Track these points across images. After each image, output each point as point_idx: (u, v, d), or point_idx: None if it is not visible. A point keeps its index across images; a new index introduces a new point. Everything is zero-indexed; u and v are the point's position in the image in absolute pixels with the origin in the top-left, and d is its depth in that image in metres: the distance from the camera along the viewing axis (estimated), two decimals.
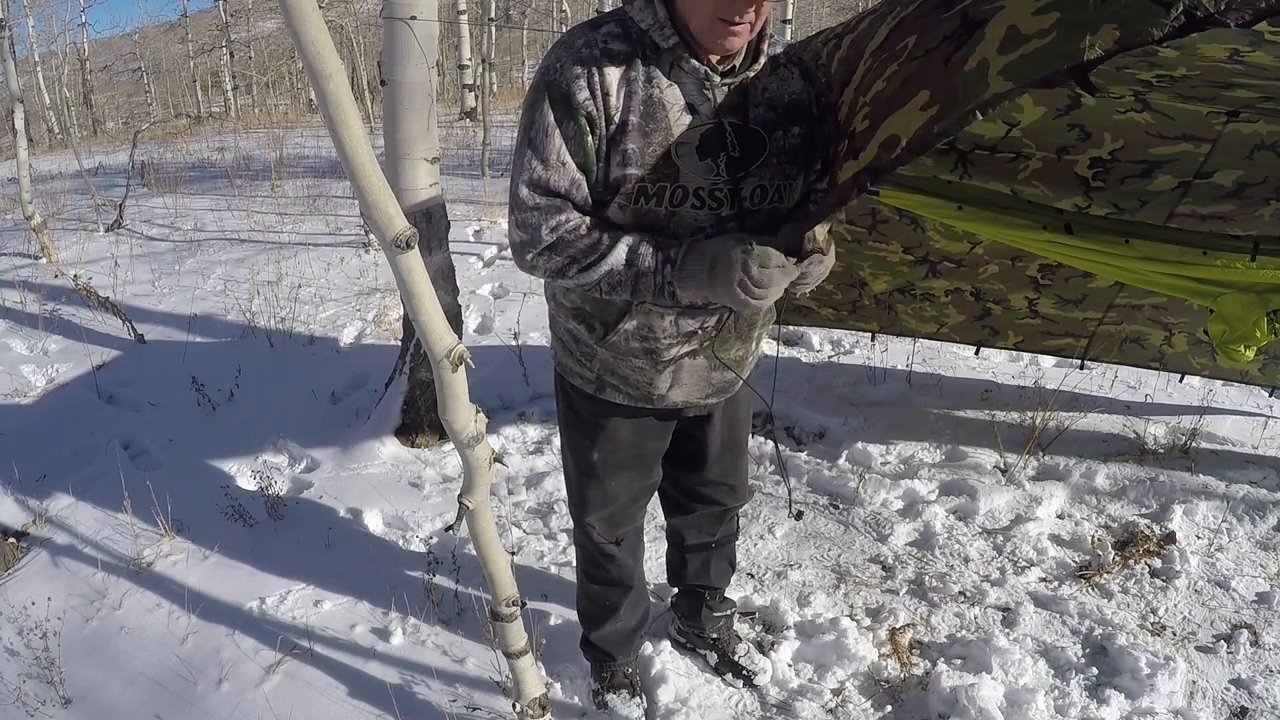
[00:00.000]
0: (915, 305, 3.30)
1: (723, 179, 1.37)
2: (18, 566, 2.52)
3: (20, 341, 4.21)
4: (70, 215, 6.74)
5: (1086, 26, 1.03)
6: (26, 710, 1.99)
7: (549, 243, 1.35)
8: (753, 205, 1.41)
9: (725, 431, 1.79)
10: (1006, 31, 1.11)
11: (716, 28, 1.26)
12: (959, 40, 1.18)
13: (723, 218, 1.39)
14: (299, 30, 0.86)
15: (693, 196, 1.37)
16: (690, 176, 1.35)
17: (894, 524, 2.68)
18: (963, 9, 1.24)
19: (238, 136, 10.95)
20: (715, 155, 1.35)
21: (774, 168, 1.41)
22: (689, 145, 1.34)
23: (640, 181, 1.34)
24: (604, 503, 1.76)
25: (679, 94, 1.33)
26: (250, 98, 19.71)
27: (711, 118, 1.34)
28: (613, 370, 1.56)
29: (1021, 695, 1.98)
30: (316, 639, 2.19)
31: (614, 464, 1.70)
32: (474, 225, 6.17)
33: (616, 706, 1.97)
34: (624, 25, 1.34)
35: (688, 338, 1.51)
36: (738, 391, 1.71)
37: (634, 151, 1.32)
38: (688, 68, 1.32)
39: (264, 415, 3.37)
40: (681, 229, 1.39)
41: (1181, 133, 2.21)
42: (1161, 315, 3.02)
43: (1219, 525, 2.66)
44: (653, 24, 1.31)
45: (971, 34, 1.17)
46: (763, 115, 1.39)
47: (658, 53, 1.32)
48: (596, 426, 1.68)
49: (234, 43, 18.84)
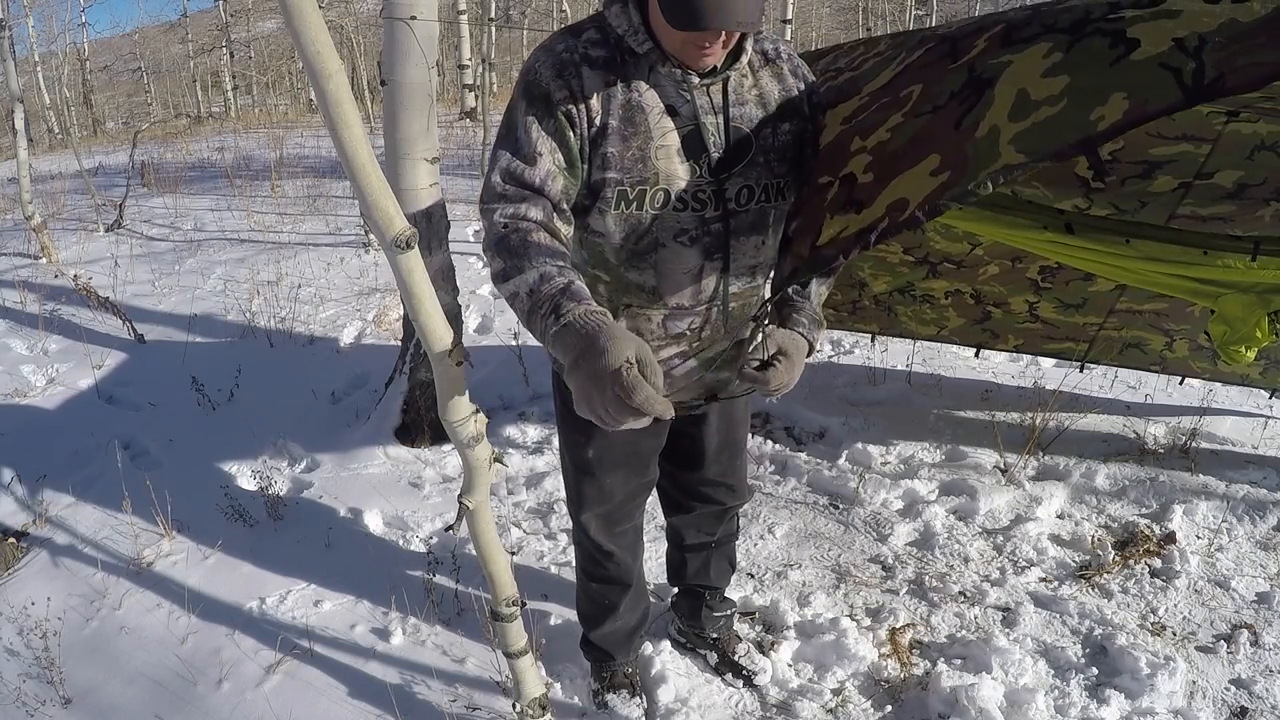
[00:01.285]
0: (915, 307, 3.30)
1: (706, 180, 1.36)
2: (18, 566, 2.52)
3: (20, 341, 4.21)
4: (70, 215, 6.74)
5: (1096, 94, 1.02)
6: (26, 710, 1.99)
7: (499, 236, 1.26)
8: (739, 206, 1.40)
9: (723, 431, 1.78)
10: (1016, 96, 1.10)
11: (688, 50, 1.27)
12: (968, 101, 1.17)
13: (707, 219, 1.39)
14: (299, 30, 0.86)
15: (675, 199, 1.36)
16: (671, 179, 1.34)
17: (894, 524, 2.68)
18: (969, 60, 1.24)
19: (238, 136, 10.96)
20: (698, 157, 1.35)
21: (761, 167, 1.40)
22: (669, 148, 1.33)
23: (619, 185, 1.33)
24: (600, 500, 1.76)
25: (657, 97, 1.32)
26: (250, 98, 19.71)
27: (691, 119, 1.34)
28: None
29: (1021, 695, 1.98)
30: (316, 639, 2.19)
31: (609, 461, 1.70)
32: (474, 225, 6.17)
33: (616, 706, 1.97)
34: (603, 31, 1.34)
35: (676, 339, 1.50)
36: (734, 391, 1.71)
37: (614, 155, 1.32)
38: (664, 70, 1.31)
39: (264, 415, 3.37)
40: (665, 232, 1.38)
41: (1182, 133, 2.21)
42: (1162, 321, 3.02)
43: (1219, 525, 2.65)
44: (628, 29, 1.31)
45: (981, 94, 1.16)
46: (749, 113, 1.38)
47: (635, 57, 1.32)
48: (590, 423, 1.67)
49: (234, 43, 18.83)
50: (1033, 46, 1.15)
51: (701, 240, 1.40)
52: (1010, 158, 1.06)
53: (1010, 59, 1.16)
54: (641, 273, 1.43)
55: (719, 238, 1.41)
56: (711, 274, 1.44)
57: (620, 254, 1.41)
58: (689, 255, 1.41)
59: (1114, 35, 1.07)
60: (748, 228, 1.43)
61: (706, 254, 1.42)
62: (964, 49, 1.30)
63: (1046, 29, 1.17)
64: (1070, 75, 1.07)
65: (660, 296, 1.45)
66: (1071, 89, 1.05)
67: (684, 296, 1.45)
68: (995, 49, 1.23)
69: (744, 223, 1.42)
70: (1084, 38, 1.10)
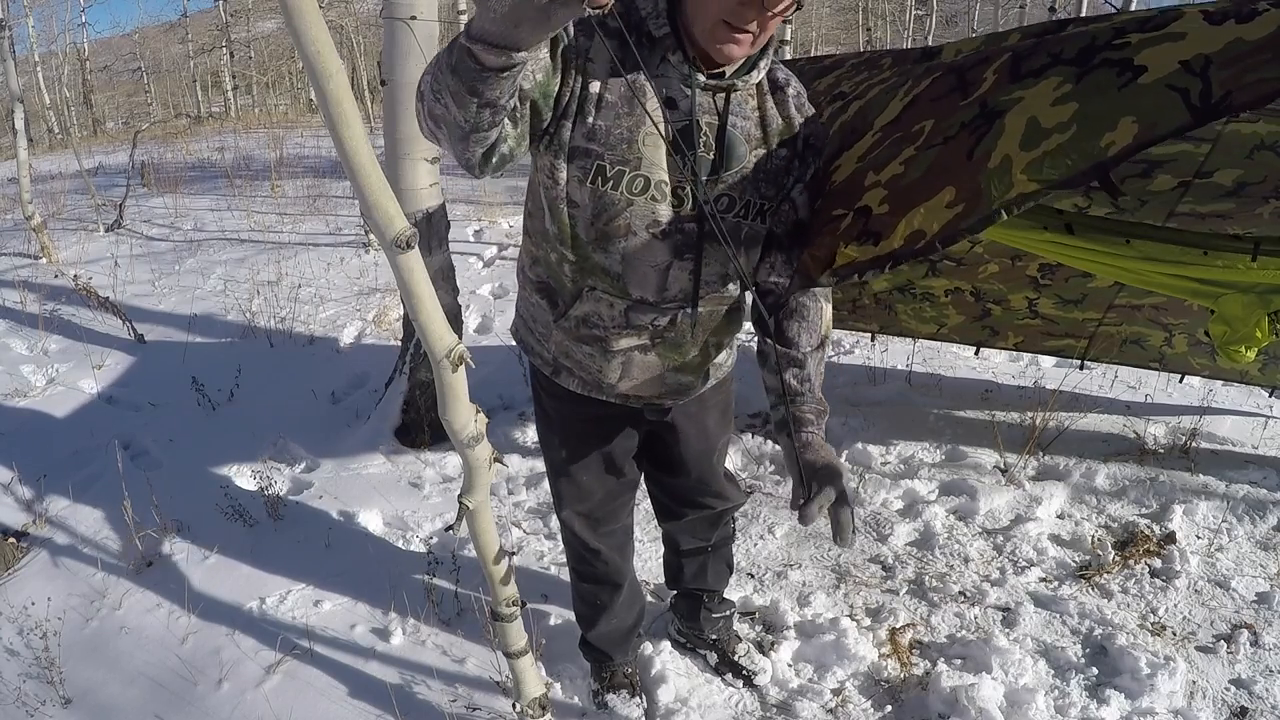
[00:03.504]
0: (915, 305, 3.30)
1: (688, 178, 1.35)
2: (18, 566, 2.52)
3: (20, 341, 4.21)
4: (70, 215, 6.74)
5: (1104, 120, 1.02)
6: (26, 710, 1.99)
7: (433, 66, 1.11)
8: (717, 210, 1.38)
9: (700, 439, 1.76)
10: (1026, 124, 1.11)
11: (719, 31, 1.23)
12: (979, 130, 1.17)
13: (682, 216, 1.37)
14: (299, 30, 0.86)
15: (653, 188, 1.34)
16: (653, 167, 1.33)
17: (894, 524, 2.68)
18: (980, 97, 1.24)
19: (238, 136, 10.95)
20: (684, 153, 1.33)
21: (749, 183, 1.38)
22: (657, 136, 1.31)
23: (599, 160, 1.32)
24: (580, 498, 1.76)
25: (661, 86, 1.31)
26: (250, 98, 19.70)
27: (687, 115, 1.32)
28: (567, 353, 1.55)
29: (1021, 695, 1.98)
30: (316, 639, 2.19)
31: (581, 459, 1.71)
32: (474, 225, 6.17)
33: (616, 706, 1.97)
34: (626, 6, 1.32)
35: (637, 331, 1.48)
36: (707, 399, 1.69)
37: (601, 128, 1.30)
38: (674, 60, 1.30)
39: (264, 415, 3.37)
40: (638, 219, 1.36)
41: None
42: (1161, 316, 3.02)
43: (1219, 525, 2.65)
44: (650, 12, 1.30)
45: (991, 124, 1.16)
46: (747, 128, 1.36)
47: (651, 41, 1.31)
48: (560, 419, 1.69)
49: (234, 43, 18.82)
50: (1042, 81, 1.15)
51: (673, 236, 1.38)
52: (1024, 187, 1.07)
53: (1021, 95, 1.16)
54: (608, 256, 1.40)
55: (691, 237, 1.39)
56: (680, 274, 1.42)
57: (591, 231, 1.38)
58: (658, 249, 1.39)
59: (1121, 64, 1.07)
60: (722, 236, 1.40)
61: (676, 252, 1.40)
62: (973, 81, 1.29)
63: (1054, 59, 1.17)
64: (1079, 102, 1.07)
65: (624, 286, 1.42)
66: (1080, 115, 1.06)
67: (649, 291, 1.43)
68: (1005, 83, 1.22)
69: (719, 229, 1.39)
70: (1092, 69, 1.10)
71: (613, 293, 1.43)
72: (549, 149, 1.34)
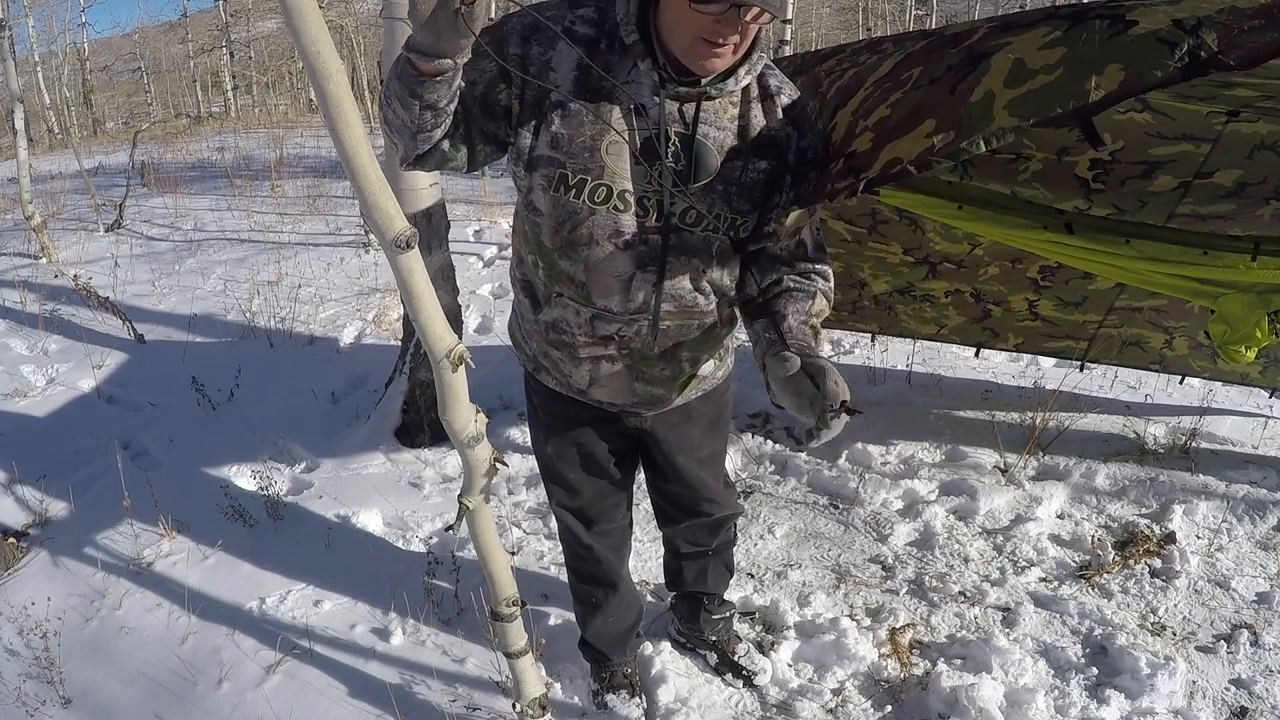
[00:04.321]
0: (915, 306, 3.30)
1: (653, 189, 1.32)
2: (18, 566, 2.52)
3: (20, 341, 4.21)
4: (70, 215, 6.74)
5: (1092, 64, 1.03)
6: (26, 710, 1.99)
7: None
8: (683, 224, 1.36)
9: (684, 451, 1.73)
10: (1013, 64, 1.11)
11: (698, 47, 1.21)
12: (965, 70, 1.18)
13: (647, 227, 1.35)
14: (299, 30, 0.86)
15: (617, 198, 1.32)
16: (618, 177, 1.31)
17: (894, 524, 2.68)
18: (969, 45, 1.26)
19: (238, 136, 10.96)
20: (653, 163, 1.30)
21: (719, 194, 1.34)
22: (622, 145, 1.29)
23: (561, 169, 1.30)
24: (569, 495, 1.78)
25: (630, 93, 1.28)
26: (250, 98, 19.71)
27: (654, 125, 1.29)
28: (545, 353, 1.56)
29: (1021, 695, 1.98)
30: (316, 639, 2.19)
31: (566, 458, 1.72)
32: (474, 225, 6.17)
33: (616, 706, 1.97)
34: (602, 13, 1.30)
35: (603, 341, 1.47)
36: (693, 409, 1.67)
37: (563, 136, 1.29)
38: (644, 68, 1.27)
39: (264, 415, 3.37)
40: (600, 229, 1.34)
41: (1182, 133, 2.21)
42: (1162, 319, 3.02)
43: (1219, 525, 2.65)
44: (623, 17, 1.27)
45: (977, 64, 1.17)
46: (721, 139, 1.32)
47: (622, 48, 1.28)
48: (545, 415, 1.70)
49: (234, 43, 18.83)
50: (1032, 30, 1.17)
51: (636, 247, 1.36)
52: (1004, 120, 1.07)
53: (1009, 41, 1.18)
54: (573, 264, 1.38)
55: (655, 249, 1.36)
56: (643, 285, 1.39)
57: (556, 239, 1.37)
58: (621, 260, 1.36)
59: (1114, 18, 1.08)
60: (688, 249, 1.38)
61: (639, 263, 1.37)
62: (964, 37, 1.32)
63: (1047, 16, 1.20)
64: (1067, 47, 1.08)
65: (589, 294, 1.41)
66: (1068, 59, 1.06)
67: (612, 301, 1.41)
68: (996, 34, 1.25)
69: (685, 242, 1.37)
70: (1084, 20, 1.12)
71: (578, 300, 1.42)
72: (514, 158, 1.35)
